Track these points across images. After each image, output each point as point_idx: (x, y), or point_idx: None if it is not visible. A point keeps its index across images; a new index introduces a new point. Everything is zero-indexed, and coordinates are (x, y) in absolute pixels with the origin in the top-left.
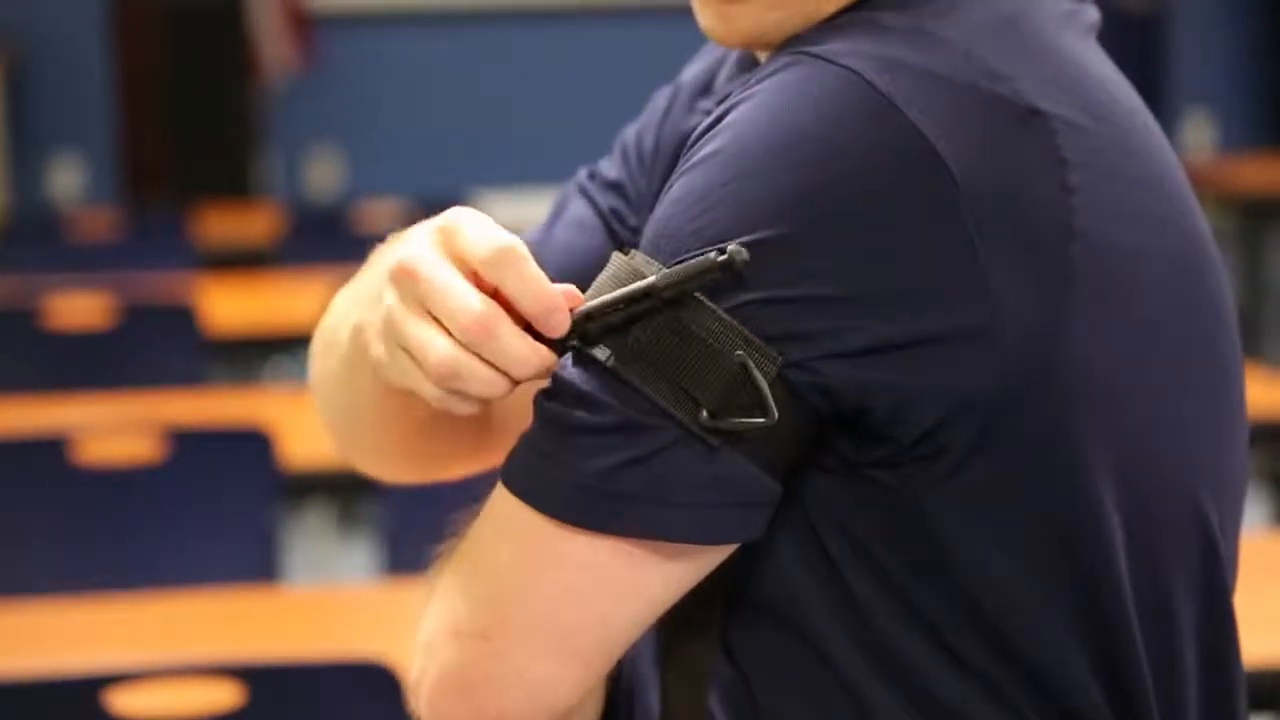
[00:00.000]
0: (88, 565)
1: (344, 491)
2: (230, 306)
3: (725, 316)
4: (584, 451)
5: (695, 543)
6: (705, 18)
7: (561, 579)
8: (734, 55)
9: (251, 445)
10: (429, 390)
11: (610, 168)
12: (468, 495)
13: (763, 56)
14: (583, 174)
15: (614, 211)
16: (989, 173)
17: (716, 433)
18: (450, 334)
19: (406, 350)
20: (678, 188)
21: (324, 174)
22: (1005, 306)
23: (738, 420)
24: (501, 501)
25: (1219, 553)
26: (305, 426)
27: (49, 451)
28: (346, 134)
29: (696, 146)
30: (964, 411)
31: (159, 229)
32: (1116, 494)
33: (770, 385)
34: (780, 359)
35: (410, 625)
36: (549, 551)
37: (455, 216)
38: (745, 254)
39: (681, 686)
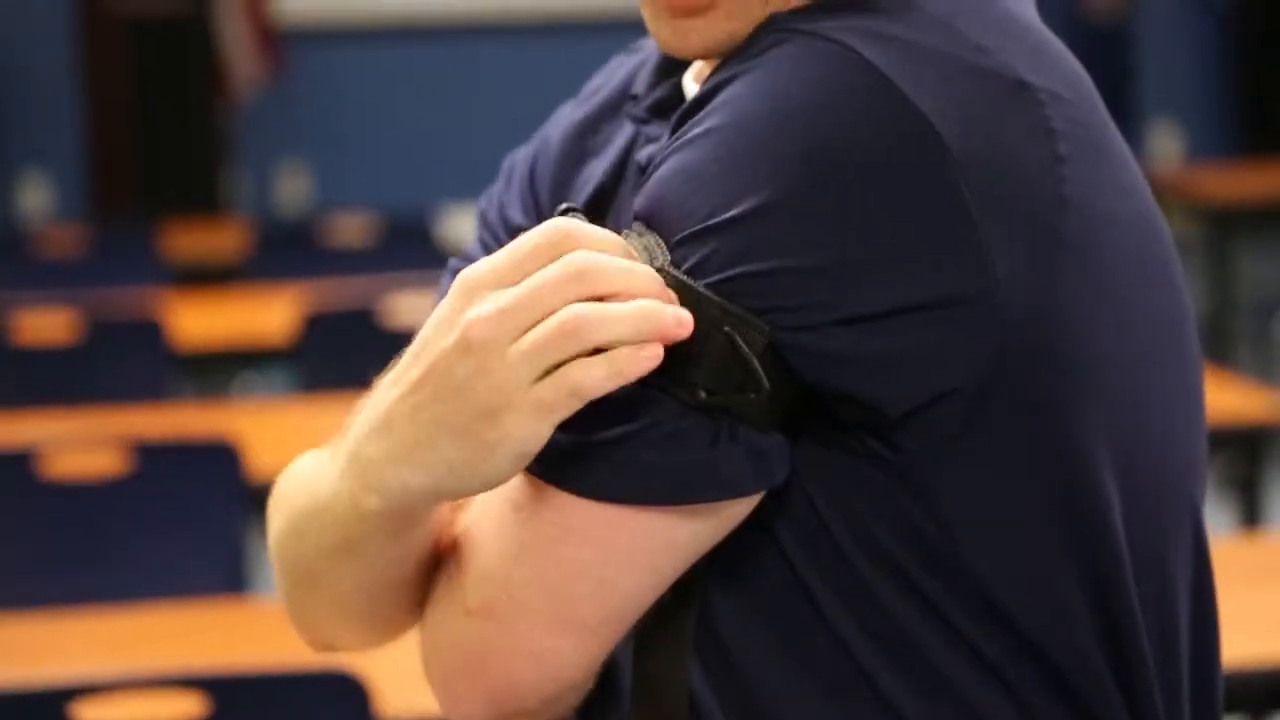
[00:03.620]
0: (55, 579)
1: None
2: (198, 321)
3: (707, 293)
4: (581, 423)
5: (697, 502)
6: (662, 33)
7: (565, 552)
8: (650, 61)
9: (219, 458)
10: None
11: (516, 214)
12: None
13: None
14: (455, 261)
15: None
16: (982, 143)
17: (713, 408)
18: None
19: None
20: (668, 166)
21: (292, 188)
22: (1000, 274)
23: (733, 396)
24: None
25: (1203, 528)
26: (273, 440)
27: (16, 465)
28: (315, 148)
29: (686, 126)
30: (961, 381)
31: (127, 245)
32: (1112, 465)
33: (761, 356)
34: (769, 330)
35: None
36: (551, 525)
37: (462, 278)
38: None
39: (661, 659)
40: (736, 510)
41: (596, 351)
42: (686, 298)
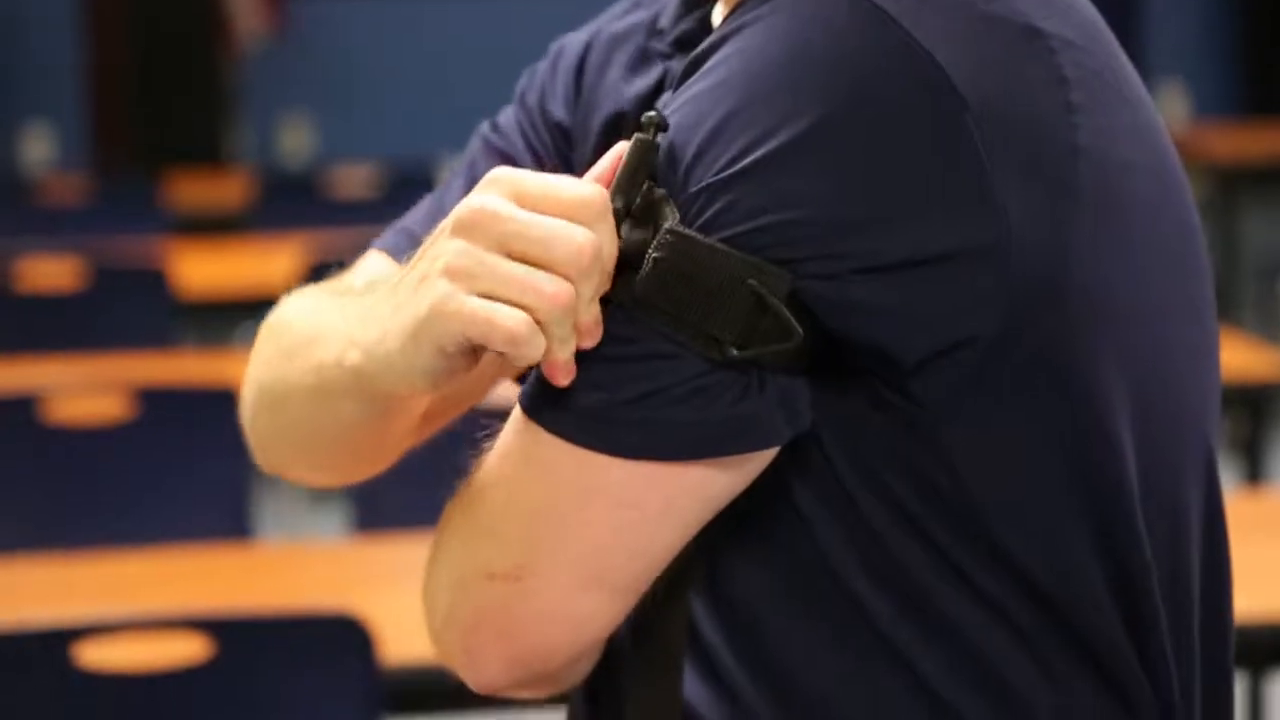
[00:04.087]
0: (59, 523)
1: None
2: (201, 271)
3: (724, 248)
4: (611, 381)
5: (730, 455)
6: None
7: (595, 514)
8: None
9: (222, 405)
10: (510, 330)
11: (556, 108)
12: (440, 450)
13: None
14: (488, 128)
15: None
16: (995, 91)
17: (744, 363)
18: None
19: (491, 293)
20: (681, 113)
21: (296, 140)
22: (1014, 224)
23: (764, 348)
24: (525, 436)
25: (1216, 472)
26: None
27: (20, 410)
28: (318, 99)
29: (699, 73)
30: (976, 330)
31: (130, 195)
32: (1126, 413)
33: (787, 305)
34: (791, 277)
35: (382, 580)
36: (581, 487)
37: (505, 175)
38: (657, 117)
39: (662, 606)
40: (765, 456)
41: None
42: (705, 256)
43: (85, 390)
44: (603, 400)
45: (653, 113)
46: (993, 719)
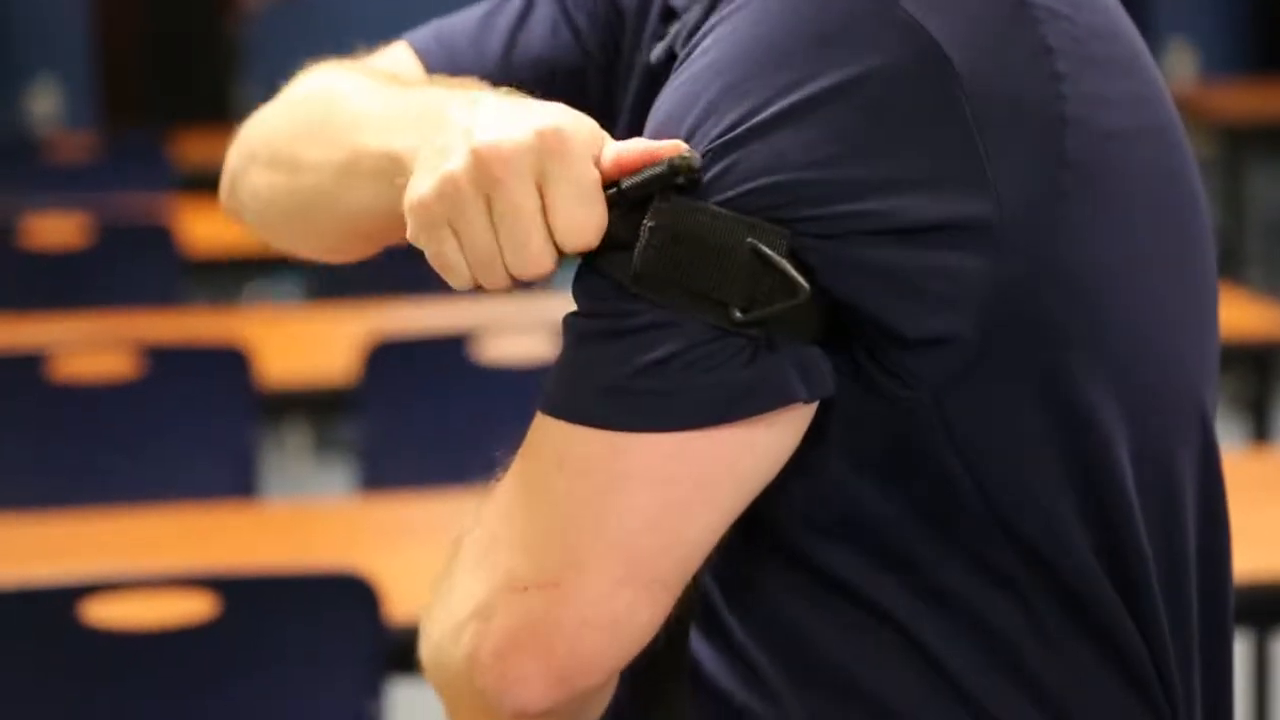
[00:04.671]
0: (65, 481)
1: (321, 411)
2: (209, 228)
3: (719, 210)
4: (619, 356)
5: (749, 415)
6: None
7: (626, 500)
8: None
9: (229, 363)
10: (459, 274)
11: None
12: (448, 416)
13: None
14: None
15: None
16: (985, 64)
17: (752, 324)
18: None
19: (455, 231)
20: (680, 85)
21: None
22: (1004, 197)
23: (771, 307)
24: (545, 437)
25: (1216, 450)
26: (282, 346)
27: (27, 367)
28: (326, 58)
29: (700, 39)
30: (965, 306)
31: (137, 152)
32: (1120, 391)
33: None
34: (788, 234)
35: (388, 539)
36: (610, 471)
37: (563, 129)
38: (695, 162)
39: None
40: (792, 426)
41: None
42: (702, 219)
43: (92, 348)
44: (615, 375)
45: (689, 155)
46: (998, 689)
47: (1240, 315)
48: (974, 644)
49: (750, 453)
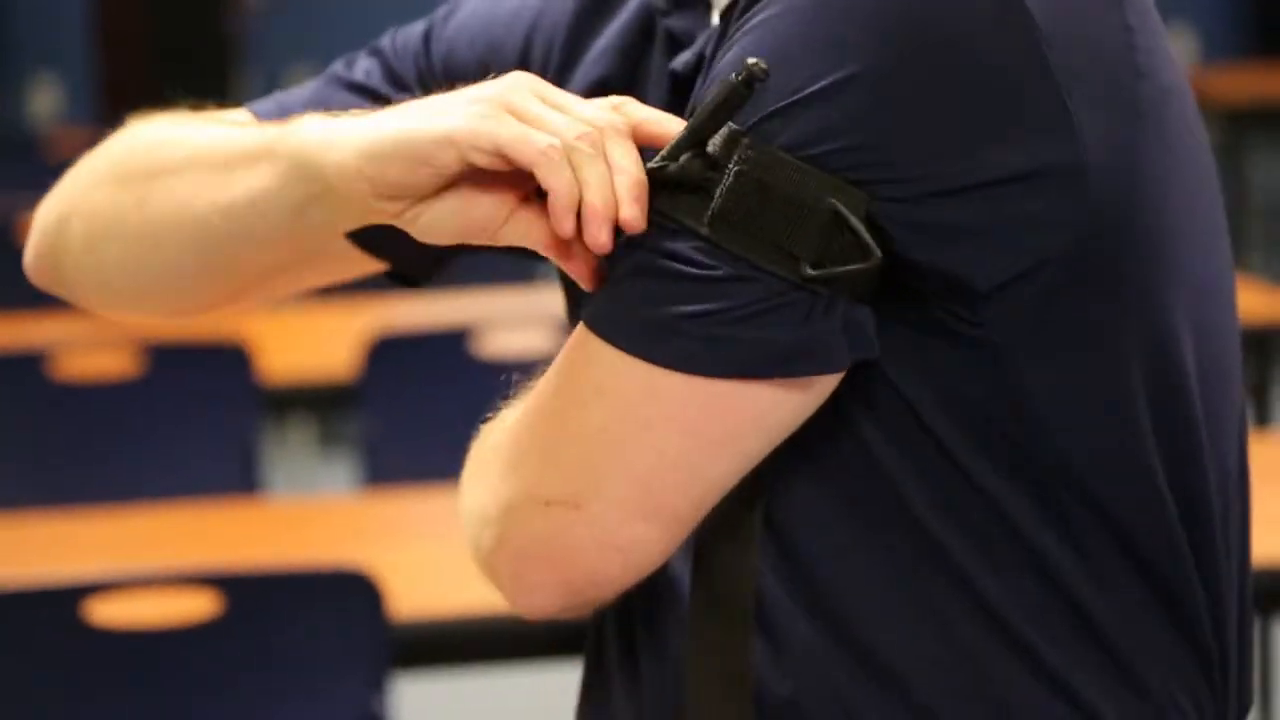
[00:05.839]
0: (68, 479)
1: (323, 406)
2: None
3: (805, 165)
4: (677, 296)
5: (792, 376)
6: None
7: (658, 440)
8: None
9: (231, 360)
10: (541, 148)
11: (400, 61)
12: (450, 410)
13: None
14: (351, 73)
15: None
16: (1064, 14)
17: (820, 282)
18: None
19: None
20: (744, 45)
21: None
22: (1089, 145)
23: (841, 268)
24: (587, 355)
25: (1245, 414)
26: (284, 343)
27: (28, 367)
28: (326, 54)
29: (755, 8)
30: (1051, 252)
31: None
32: (1190, 337)
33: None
34: (869, 199)
35: (391, 535)
36: (644, 406)
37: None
38: (763, 64)
39: (725, 553)
40: (825, 386)
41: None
42: (786, 172)
43: (93, 346)
44: (667, 314)
45: (756, 60)
46: (1060, 652)
47: (1241, 300)
48: (1041, 605)
49: (783, 408)
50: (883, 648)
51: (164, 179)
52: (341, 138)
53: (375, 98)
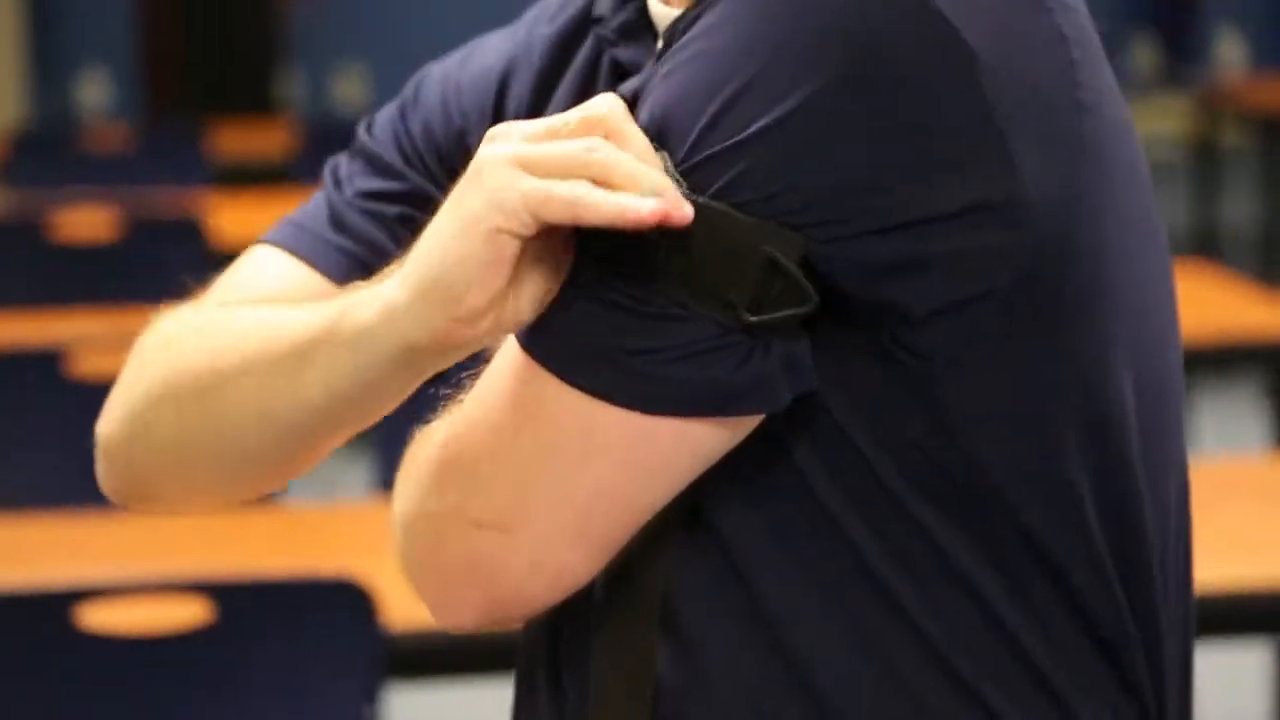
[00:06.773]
0: (80, 480)
1: None
2: (240, 222)
3: (737, 214)
4: (618, 327)
5: (733, 415)
6: None
7: (593, 469)
8: None
9: None
10: (570, 191)
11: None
12: None
13: None
14: (345, 192)
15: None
16: (1002, 47)
17: (759, 328)
18: None
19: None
20: (673, 84)
21: (350, 90)
22: (1027, 178)
23: (778, 313)
24: (521, 379)
25: (1184, 435)
26: None
27: (43, 364)
28: (375, 50)
29: (685, 39)
30: (990, 285)
31: (174, 143)
32: (1126, 369)
33: (799, 267)
34: (805, 242)
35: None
36: (579, 436)
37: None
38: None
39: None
40: (759, 417)
41: None
42: (719, 222)
43: (110, 344)
44: (607, 345)
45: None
46: (985, 672)
47: (1272, 314)
48: (968, 625)
49: (716, 441)
50: (802, 650)
51: (226, 392)
52: (398, 303)
53: (380, 198)
